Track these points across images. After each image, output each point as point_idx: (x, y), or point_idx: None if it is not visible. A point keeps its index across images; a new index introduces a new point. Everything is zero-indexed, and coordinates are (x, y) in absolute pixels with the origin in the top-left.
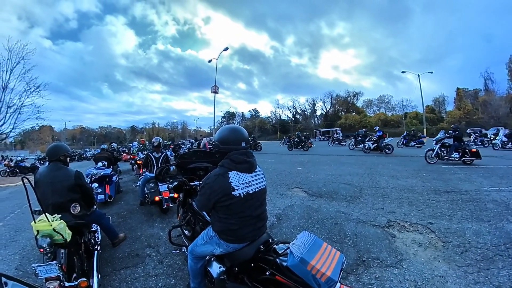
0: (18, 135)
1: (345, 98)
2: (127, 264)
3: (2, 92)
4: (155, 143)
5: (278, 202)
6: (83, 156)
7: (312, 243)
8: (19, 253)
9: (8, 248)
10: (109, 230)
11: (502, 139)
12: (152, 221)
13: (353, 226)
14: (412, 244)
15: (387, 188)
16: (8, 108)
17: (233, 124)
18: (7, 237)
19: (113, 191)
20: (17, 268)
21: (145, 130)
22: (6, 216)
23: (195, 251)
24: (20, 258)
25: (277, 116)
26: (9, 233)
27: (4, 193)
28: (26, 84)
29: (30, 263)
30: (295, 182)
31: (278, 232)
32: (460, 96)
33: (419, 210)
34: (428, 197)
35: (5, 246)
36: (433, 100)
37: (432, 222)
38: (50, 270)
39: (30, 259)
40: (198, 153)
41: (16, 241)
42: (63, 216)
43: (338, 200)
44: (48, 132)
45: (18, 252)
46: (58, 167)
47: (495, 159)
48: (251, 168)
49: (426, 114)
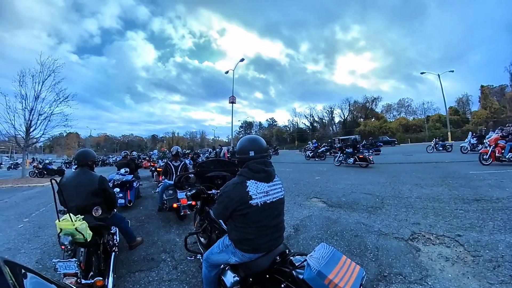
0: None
1: (363, 104)
2: (142, 267)
3: (35, 101)
4: (173, 152)
5: (296, 212)
6: (106, 162)
7: (331, 256)
8: (41, 248)
9: (31, 243)
10: (127, 233)
11: (470, 142)
12: (169, 227)
13: (374, 239)
14: (439, 259)
15: (411, 197)
16: (39, 115)
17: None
18: (31, 232)
19: (133, 196)
20: (38, 261)
21: (165, 139)
22: (32, 213)
23: (210, 259)
24: (41, 253)
25: (295, 125)
26: (33, 228)
27: (32, 192)
28: (56, 94)
29: (50, 258)
30: (314, 192)
31: (295, 244)
32: (485, 94)
33: (446, 221)
34: (455, 207)
35: (29, 241)
36: (456, 100)
37: (460, 234)
38: (69, 266)
39: (50, 254)
40: (216, 162)
41: (39, 236)
42: (85, 217)
43: (359, 210)
44: (74, 138)
45: (40, 247)
46: (84, 172)
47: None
48: (269, 177)
49: (449, 116)
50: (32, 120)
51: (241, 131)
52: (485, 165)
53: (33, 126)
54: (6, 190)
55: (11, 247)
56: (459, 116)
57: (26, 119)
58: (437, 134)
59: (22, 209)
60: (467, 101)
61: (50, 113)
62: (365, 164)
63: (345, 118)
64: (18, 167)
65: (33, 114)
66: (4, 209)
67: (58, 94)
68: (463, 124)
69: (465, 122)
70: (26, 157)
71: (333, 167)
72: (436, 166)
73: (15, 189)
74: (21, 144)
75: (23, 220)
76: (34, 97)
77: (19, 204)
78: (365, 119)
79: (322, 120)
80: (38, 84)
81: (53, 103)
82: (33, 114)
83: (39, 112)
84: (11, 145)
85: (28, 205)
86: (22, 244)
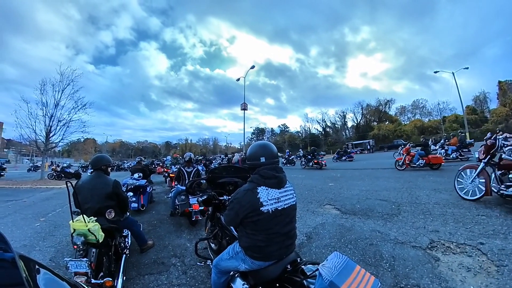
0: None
1: (376, 107)
2: (152, 271)
3: (55, 108)
4: (186, 158)
5: (308, 219)
6: (121, 167)
7: (344, 266)
8: (55, 247)
9: (46, 241)
10: (139, 236)
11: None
12: (180, 232)
13: (391, 247)
14: (460, 269)
15: (429, 203)
16: (59, 122)
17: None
18: (46, 231)
19: (146, 200)
20: (51, 259)
21: (179, 145)
22: (49, 213)
23: (219, 265)
24: (55, 251)
25: (307, 131)
26: (49, 228)
27: (49, 193)
28: (75, 102)
29: (63, 256)
30: (327, 198)
31: (308, 252)
32: (504, 90)
33: (467, 228)
34: (477, 212)
35: (44, 239)
36: (473, 99)
37: (483, 242)
38: (81, 265)
39: (63, 253)
40: (228, 168)
41: (54, 235)
42: (98, 219)
43: (374, 218)
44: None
45: (54, 246)
46: (99, 176)
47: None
48: (280, 183)
49: (467, 116)
50: (52, 126)
51: (253, 137)
52: (400, 170)
53: (53, 131)
54: (26, 190)
55: (27, 244)
56: (477, 115)
57: (46, 125)
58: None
59: (40, 209)
60: (484, 98)
61: (68, 120)
62: (319, 166)
63: (358, 122)
64: (37, 169)
65: (53, 121)
66: (23, 208)
67: (76, 102)
68: (482, 124)
69: (483, 121)
70: (45, 160)
71: (301, 170)
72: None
73: (34, 189)
74: (41, 148)
75: (39, 219)
76: (54, 105)
77: (37, 204)
78: (378, 123)
79: (335, 125)
80: (58, 93)
81: (71, 110)
82: (53, 120)
83: (59, 119)
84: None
85: (45, 205)
86: (38, 242)
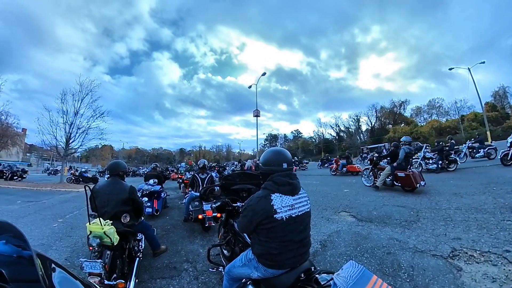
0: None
1: (390, 109)
2: (164, 275)
3: (74, 116)
4: (200, 165)
5: (323, 227)
6: (137, 173)
7: (360, 276)
8: (71, 247)
9: (62, 241)
10: (153, 241)
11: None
12: (193, 237)
13: (409, 257)
14: (484, 280)
15: (450, 209)
16: (78, 129)
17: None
18: (63, 232)
19: (160, 206)
20: (67, 258)
21: (192, 152)
22: (66, 214)
23: (232, 272)
24: (70, 251)
25: (320, 136)
26: (66, 229)
27: (68, 196)
28: (93, 111)
29: (78, 257)
30: (342, 205)
31: (322, 260)
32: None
33: (492, 235)
34: (502, 217)
35: (61, 239)
36: (492, 94)
37: (509, 250)
38: (95, 266)
39: (78, 253)
40: (242, 175)
41: (71, 236)
42: (114, 223)
43: (391, 225)
44: (108, 150)
45: (70, 246)
46: (115, 181)
47: None
48: (294, 190)
49: (486, 114)
50: (72, 133)
51: (266, 144)
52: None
53: (72, 138)
54: (46, 193)
55: (44, 243)
56: (497, 112)
57: (66, 131)
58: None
59: (58, 210)
60: (504, 93)
61: (87, 127)
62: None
63: (372, 125)
64: (57, 173)
65: (73, 128)
66: (42, 209)
67: (95, 110)
68: (503, 121)
69: (505, 118)
70: (64, 165)
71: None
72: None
73: (53, 192)
74: (61, 153)
75: (57, 220)
76: (74, 113)
77: (55, 205)
78: (394, 125)
79: (349, 129)
80: (77, 102)
81: (90, 118)
82: (73, 127)
83: (78, 126)
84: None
85: (64, 207)
86: (55, 242)
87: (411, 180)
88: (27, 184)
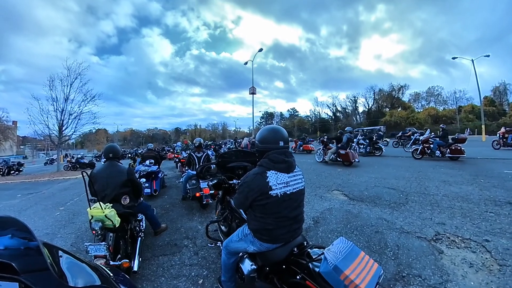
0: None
1: (389, 92)
2: (166, 252)
3: (65, 102)
4: (196, 144)
5: (316, 204)
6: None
7: (349, 251)
8: (75, 233)
9: (66, 228)
10: (153, 220)
11: None
12: (192, 215)
13: (396, 236)
14: (462, 264)
15: (437, 195)
16: (70, 115)
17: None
18: (66, 219)
19: (158, 186)
20: (72, 244)
21: (188, 131)
22: (67, 202)
23: (229, 246)
24: (75, 237)
25: (317, 115)
26: (68, 216)
27: (67, 184)
28: (84, 95)
29: (83, 241)
30: (335, 184)
31: (314, 236)
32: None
33: (474, 224)
34: (485, 209)
35: (64, 226)
36: (492, 89)
37: (488, 240)
38: (99, 249)
39: (83, 238)
40: (237, 153)
41: (74, 223)
42: (114, 206)
43: (381, 206)
44: (103, 134)
45: (74, 232)
46: (113, 164)
47: None
48: (290, 168)
49: (484, 108)
50: (64, 119)
51: (262, 122)
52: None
53: (65, 125)
54: (44, 183)
55: (49, 232)
56: (495, 107)
57: (58, 119)
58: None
59: (58, 199)
60: (504, 90)
61: (79, 113)
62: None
63: (369, 107)
64: (53, 162)
65: (64, 114)
66: (43, 199)
67: (85, 94)
68: (499, 117)
69: (501, 114)
70: (60, 153)
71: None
72: (468, 163)
73: (52, 181)
74: (55, 142)
75: (59, 209)
76: (64, 99)
77: (55, 194)
78: (391, 109)
79: (345, 109)
80: (66, 87)
81: (81, 103)
82: (64, 114)
83: (70, 112)
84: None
85: (64, 196)
86: (59, 230)
87: (349, 156)
88: (25, 177)
